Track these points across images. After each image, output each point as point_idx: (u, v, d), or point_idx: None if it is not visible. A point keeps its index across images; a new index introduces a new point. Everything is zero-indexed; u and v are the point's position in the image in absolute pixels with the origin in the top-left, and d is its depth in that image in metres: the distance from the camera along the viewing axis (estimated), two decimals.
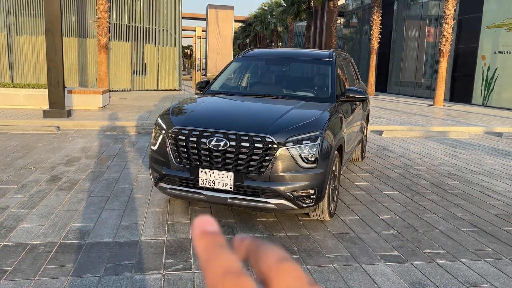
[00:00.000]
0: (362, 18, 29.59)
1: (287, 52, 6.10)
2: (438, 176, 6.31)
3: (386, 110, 14.43)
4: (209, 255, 0.24)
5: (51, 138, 8.04)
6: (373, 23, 22.00)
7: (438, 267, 3.47)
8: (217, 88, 5.36)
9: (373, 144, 8.65)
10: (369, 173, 6.31)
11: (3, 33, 15.35)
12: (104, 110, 11.42)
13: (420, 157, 7.59)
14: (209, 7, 36.97)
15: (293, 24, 39.13)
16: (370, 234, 4.08)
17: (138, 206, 4.58)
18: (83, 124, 9.27)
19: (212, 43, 36.81)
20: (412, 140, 9.45)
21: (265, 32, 47.82)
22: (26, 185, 5.15)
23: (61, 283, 3.01)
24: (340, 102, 4.84)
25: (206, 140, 3.84)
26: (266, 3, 45.47)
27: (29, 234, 3.79)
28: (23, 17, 15.72)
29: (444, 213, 4.75)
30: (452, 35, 17.18)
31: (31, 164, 6.09)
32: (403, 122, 11.32)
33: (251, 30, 53.43)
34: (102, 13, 14.60)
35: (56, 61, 9.39)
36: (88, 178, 5.51)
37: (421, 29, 23.27)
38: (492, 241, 4.02)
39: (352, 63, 6.77)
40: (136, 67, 19.34)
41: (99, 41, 14.75)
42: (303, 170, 3.81)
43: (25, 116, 9.62)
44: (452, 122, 11.71)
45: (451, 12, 16.44)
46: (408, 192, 5.46)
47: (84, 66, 17.24)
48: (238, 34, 63.55)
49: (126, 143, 7.81)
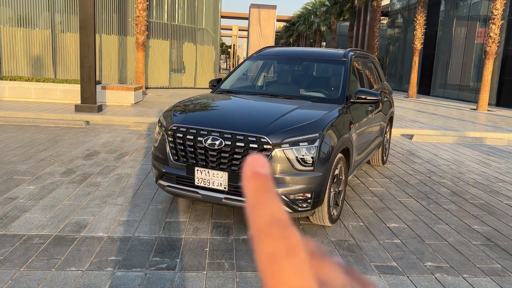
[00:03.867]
0: (408, 18, 28.67)
1: (301, 51, 5.95)
2: (462, 185, 5.95)
3: (423, 114, 13.88)
4: (257, 200, 0.23)
5: (78, 132, 8.28)
6: (417, 23, 21.23)
7: (436, 282, 3.24)
8: (227, 87, 5.31)
9: (400, 149, 8.32)
10: (388, 179, 6.05)
11: (47, 31, 16.04)
12: (135, 107, 11.67)
13: (447, 164, 7.20)
14: (251, 6, 37.13)
15: (337, 24, 38.56)
16: (371, 243, 3.89)
17: (141, 202, 4.61)
18: (112, 119, 9.50)
19: (253, 42, 36.93)
20: (443, 145, 9.01)
21: (308, 32, 47.46)
22: (41, 176, 5.32)
23: (44, 275, 3.06)
24: (350, 104, 4.66)
25: (202, 139, 3.79)
26: (310, 2, 45.07)
27: (28, 225, 3.89)
28: (67, 15, 16.36)
29: (458, 224, 4.46)
30: (500, 36, 16.29)
31: (52, 156, 6.29)
32: (438, 126, 10.83)
33: (295, 29, 53.17)
34: (140, 12, 14.95)
35: (89, 58, 9.68)
36: (101, 173, 5.62)
37: (469, 30, 22.23)
38: (504, 257, 3.73)
39: (375, 63, 6.52)
40: (174, 65, 19.67)
41: (137, 39, 15.11)
42: (299, 173, 3.69)
43: (59, 110, 9.99)
44: (491, 128, 11.08)
45: (499, 12, 15.58)
46: (424, 200, 5.18)
47: (123, 63, 17.72)
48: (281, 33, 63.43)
49: (148, 139, 7.92)
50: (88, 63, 9.70)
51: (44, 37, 16.07)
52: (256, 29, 36.52)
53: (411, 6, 27.72)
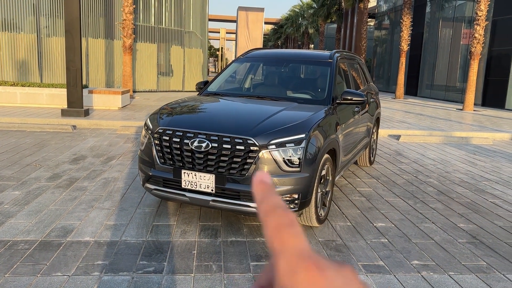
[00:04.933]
0: (394, 20, 28.94)
1: (287, 53, 5.98)
2: (448, 184, 6.02)
3: (410, 114, 14.01)
4: (264, 196, 0.33)
5: (65, 136, 8.21)
6: (403, 25, 21.44)
7: (422, 280, 3.27)
8: (214, 89, 5.31)
9: (387, 149, 8.38)
10: (375, 179, 6.10)
11: (33, 35, 15.89)
12: (123, 110, 11.61)
13: (434, 164, 7.28)
14: (239, 9, 37.21)
15: (324, 26, 38.79)
16: (359, 242, 3.92)
17: (129, 206, 4.58)
18: (99, 123, 9.44)
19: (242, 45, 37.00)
20: (430, 145, 9.10)
21: (296, 34, 47.63)
22: (26, 182, 5.26)
23: (29, 281, 3.02)
24: (336, 105, 4.68)
25: (189, 141, 3.79)
26: (298, 5, 45.30)
27: (14, 230, 3.84)
28: (52, 19, 16.23)
29: (444, 222, 4.51)
30: (484, 37, 16.52)
31: (38, 161, 6.23)
32: (424, 126, 10.93)
33: (283, 32, 53.34)
34: (127, 15, 14.88)
35: (75, 62, 9.61)
36: (88, 177, 5.57)
37: (455, 31, 22.52)
38: (489, 255, 3.77)
39: (361, 64, 6.57)
40: (162, 69, 19.60)
41: (124, 42, 15.03)
42: (286, 174, 3.70)
43: (45, 115, 9.89)
44: (477, 128, 11.22)
45: (483, 13, 15.81)
46: (411, 200, 5.23)
47: (110, 67, 17.62)
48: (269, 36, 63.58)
49: (136, 143, 7.88)
50: (74, 67, 9.62)
51: (30, 41, 15.92)
52: (244, 32, 36.60)
53: (398, 8, 27.99)
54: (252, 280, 3.18)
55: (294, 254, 0.29)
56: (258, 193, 0.33)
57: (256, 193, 0.33)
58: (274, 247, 0.30)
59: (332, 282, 0.29)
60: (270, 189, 0.33)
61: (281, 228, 0.30)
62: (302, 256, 0.29)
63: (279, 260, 0.29)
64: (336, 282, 0.29)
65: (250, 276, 3.23)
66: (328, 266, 0.29)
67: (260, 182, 0.34)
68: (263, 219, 0.32)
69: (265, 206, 0.32)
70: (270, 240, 0.31)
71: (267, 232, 0.31)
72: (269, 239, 0.31)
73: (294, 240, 0.30)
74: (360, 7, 27.13)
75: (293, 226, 0.31)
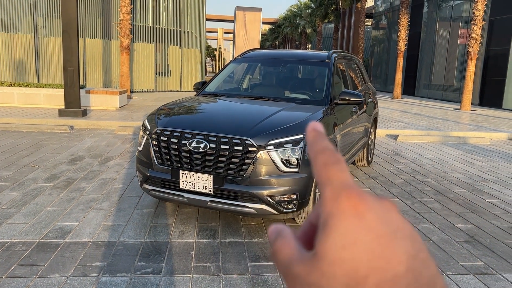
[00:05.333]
0: (392, 19, 28.99)
1: (285, 53, 5.98)
2: (446, 184, 6.03)
3: (408, 114, 14.03)
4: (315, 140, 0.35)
5: (63, 137, 8.19)
6: (401, 25, 21.49)
7: None
8: (212, 89, 5.30)
9: (385, 149, 8.39)
10: (373, 179, 6.10)
11: (30, 35, 15.85)
12: (120, 111, 11.59)
13: (432, 163, 7.29)
14: (237, 9, 37.21)
15: (322, 26, 38.82)
16: None
17: (126, 207, 4.57)
18: (96, 123, 9.42)
19: (239, 45, 37.01)
20: (428, 145, 9.12)
21: (293, 34, 47.67)
22: (24, 182, 5.24)
23: (27, 282, 3.01)
24: (334, 105, 4.69)
25: (187, 142, 3.78)
26: (295, 5, 45.34)
27: (11, 231, 3.83)
28: (49, 19, 16.19)
29: (442, 222, 4.52)
30: (481, 37, 16.56)
31: (35, 162, 6.21)
32: (422, 126, 10.96)
33: (280, 32, 53.38)
34: (124, 15, 14.86)
35: (72, 62, 9.59)
36: (86, 178, 5.56)
37: (452, 31, 22.57)
38: (487, 254, 3.78)
39: (359, 64, 6.57)
40: (160, 69, 19.58)
41: (121, 42, 15.01)
42: (284, 175, 3.70)
43: (42, 115, 9.87)
44: (474, 127, 11.25)
45: (481, 13, 15.85)
46: (408, 200, 5.24)
47: (108, 67, 17.59)
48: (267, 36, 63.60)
49: (134, 143, 7.87)
50: (72, 67, 9.60)
51: (27, 41, 15.88)
52: (242, 32, 36.60)
53: (395, 7, 28.04)
54: (251, 281, 3.18)
55: (338, 184, 0.31)
56: (310, 138, 0.36)
57: (308, 138, 0.36)
58: (321, 180, 0.33)
59: (374, 211, 0.30)
60: (321, 135, 0.36)
61: (328, 165, 0.33)
62: (346, 186, 0.31)
63: (325, 189, 0.32)
64: (376, 209, 0.30)
65: (248, 277, 3.23)
66: (371, 197, 0.31)
67: (313, 130, 0.36)
68: (313, 158, 0.34)
69: (315, 147, 0.35)
70: (318, 174, 0.33)
71: (316, 169, 0.34)
72: (317, 174, 0.33)
73: (339, 174, 0.32)
74: (358, 7, 27.18)
75: (339, 163, 0.33)
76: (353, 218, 0.30)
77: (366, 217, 0.30)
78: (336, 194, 0.31)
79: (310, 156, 0.35)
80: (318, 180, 0.33)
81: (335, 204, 0.30)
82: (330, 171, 0.32)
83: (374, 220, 0.30)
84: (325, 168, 0.33)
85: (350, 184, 0.31)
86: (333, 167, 0.32)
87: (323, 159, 0.33)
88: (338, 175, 0.32)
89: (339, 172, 0.32)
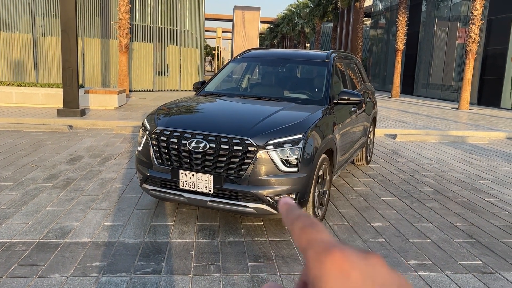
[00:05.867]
0: (390, 19, 29.01)
1: (284, 53, 5.99)
2: (445, 183, 6.05)
3: (406, 113, 14.05)
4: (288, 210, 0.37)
5: (61, 136, 8.19)
6: (399, 24, 21.50)
7: (419, 279, 3.29)
8: (211, 89, 5.31)
9: (384, 148, 8.41)
10: (372, 178, 6.12)
11: (28, 34, 15.82)
12: (119, 110, 11.58)
13: (431, 163, 7.31)
14: (235, 8, 37.15)
15: (320, 25, 38.81)
16: (356, 242, 3.93)
17: (126, 207, 4.57)
18: (95, 123, 9.41)
19: (238, 44, 36.95)
20: (426, 144, 9.14)
21: (292, 33, 47.63)
22: (23, 182, 5.24)
23: (27, 282, 3.02)
24: (333, 105, 4.70)
25: (186, 142, 3.79)
26: (294, 4, 45.30)
27: (11, 231, 3.83)
28: (48, 18, 16.16)
29: (441, 222, 4.53)
30: (479, 36, 16.59)
31: (34, 162, 6.21)
32: (421, 125, 10.97)
33: (279, 31, 53.35)
34: (123, 14, 14.85)
35: (71, 61, 9.58)
36: (85, 177, 5.56)
37: (450, 30, 22.59)
38: (486, 254, 3.80)
39: (358, 64, 6.58)
40: (158, 68, 19.57)
41: (120, 41, 15.01)
42: (284, 174, 3.71)
43: (40, 115, 9.86)
44: (473, 127, 11.27)
45: (479, 12, 15.88)
46: (408, 199, 5.25)
47: (106, 67, 17.57)
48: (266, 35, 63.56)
49: (133, 143, 7.87)
50: (70, 67, 9.59)
51: (25, 40, 15.85)
52: (241, 31, 36.55)
53: (393, 7, 28.05)
54: (251, 280, 3.19)
55: (319, 245, 0.32)
56: (283, 210, 0.38)
57: (282, 211, 0.38)
58: (302, 244, 0.33)
59: (358, 268, 0.30)
60: (293, 206, 0.38)
61: (305, 228, 0.34)
62: (327, 246, 0.32)
63: (308, 253, 0.32)
64: (360, 267, 0.31)
65: (248, 277, 3.24)
66: (354, 254, 0.31)
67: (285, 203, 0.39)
68: (290, 227, 0.36)
69: (290, 216, 0.37)
70: (298, 240, 0.34)
71: (294, 235, 0.35)
72: (297, 240, 0.34)
73: (318, 235, 0.33)
74: (356, 6, 27.18)
75: (316, 225, 0.34)
76: (338, 279, 0.30)
77: (350, 276, 0.30)
78: (319, 256, 0.31)
79: (286, 226, 0.37)
80: (299, 245, 0.34)
81: (319, 266, 0.31)
82: (309, 234, 0.33)
83: (359, 279, 0.30)
84: (303, 232, 0.34)
85: (331, 243, 0.32)
86: (311, 229, 0.34)
87: (299, 224, 0.35)
88: (317, 236, 0.33)
89: (317, 233, 0.33)
